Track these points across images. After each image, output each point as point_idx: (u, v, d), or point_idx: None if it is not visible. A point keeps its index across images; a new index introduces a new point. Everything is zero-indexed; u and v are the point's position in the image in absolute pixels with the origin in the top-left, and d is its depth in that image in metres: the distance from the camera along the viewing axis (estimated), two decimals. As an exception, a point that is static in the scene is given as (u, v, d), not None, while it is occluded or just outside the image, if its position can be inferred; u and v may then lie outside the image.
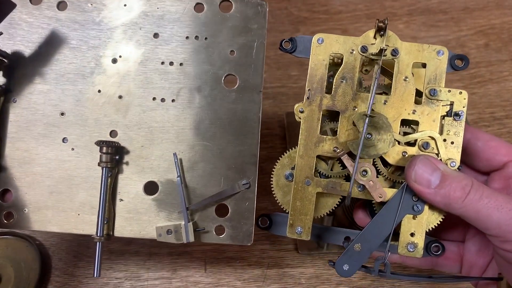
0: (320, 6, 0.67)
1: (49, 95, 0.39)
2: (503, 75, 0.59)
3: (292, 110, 0.57)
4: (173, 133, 0.38)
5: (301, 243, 0.47)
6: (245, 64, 0.38)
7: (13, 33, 0.40)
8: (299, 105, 0.36)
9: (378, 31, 0.35)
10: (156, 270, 0.47)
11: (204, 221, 0.38)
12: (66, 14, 0.40)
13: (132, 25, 0.39)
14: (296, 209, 0.35)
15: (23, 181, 0.39)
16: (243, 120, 0.38)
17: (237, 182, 0.37)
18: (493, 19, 0.65)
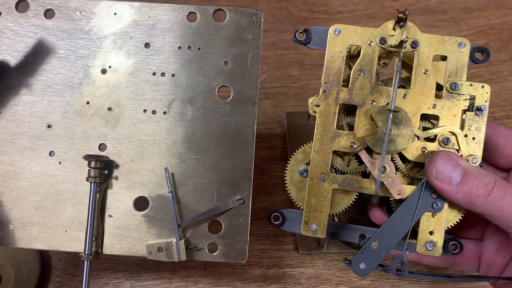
0: (320, 6, 0.67)
1: (35, 107, 0.38)
2: (503, 75, 0.59)
3: (292, 110, 0.57)
4: (164, 147, 0.37)
5: (301, 243, 0.47)
6: (239, 75, 0.37)
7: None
8: (315, 99, 0.35)
9: (398, 22, 0.34)
10: (156, 270, 0.47)
11: (196, 238, 0.37)
12: (53, 23, 0.39)
13: (123, 34, 0.38)
14: (311, 206, 0.34)
15: (8, 196, 0.38)
16: (237, 133, 0.37)
17: (231, 197, 0.36)
18: (493, 19, 0.65)
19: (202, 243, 0.37)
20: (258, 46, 0.37)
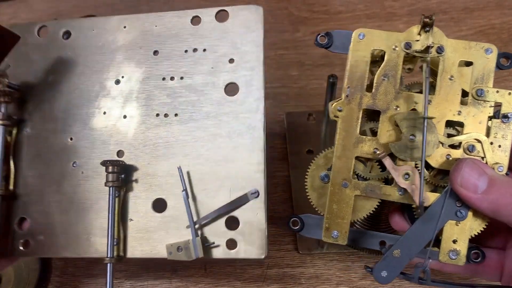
0: (320, 6, 0.67)
1: (58, 122, 0.41)
2: (503, 75, 0.59)
3: (292, 110, 0.57)
4: (178, 148, 0.38)
5: (301, 243, 0.47)
6: (245, 70, 0.38)
7: (21, 65, 0.42)
8: (337, 103, 0.34)
9: (424, 27, 0.34)
10: (156, 270, 0.47)
11: (215, 235, 0.36)
12: (70, 42, 0.41)
13: (132, 45, 0.40)
14: (333, 212, 0.34)
15: (38, 208, 0.40)
16: (247, 128, 0.37)
17: (246, 192, 0.36)
18: (493, 19, 0.65)
19: (220, 240, 0.36)
20: (260, 40, 0.38)
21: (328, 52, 0.64)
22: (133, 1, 0.69)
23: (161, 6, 0.68)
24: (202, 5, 0.67)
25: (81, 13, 0.62)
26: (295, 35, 0.64)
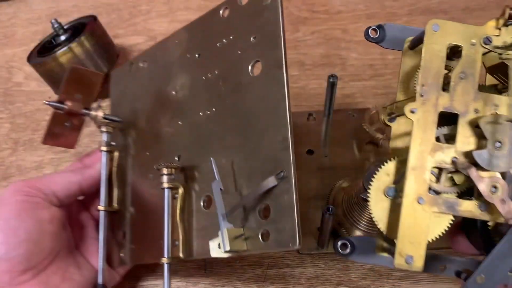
0: (320, 6, 0.67)
1: (139, 140, 0.44)
2: None
3: (292, 110, 0.57)
4: (217, 142, 0.37)
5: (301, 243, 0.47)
6: (266, 43, 0.35)
7: (119, 98, 0.48)
8: (411, 104, 0.29)
9: (507, 21, 0.30)
10: (156, 270, 0.47)
11: (250, 227, 0.33)
12: (146, 66, 0.46)
13: (183, 55, 0.42)
14: (406, 233, 0.28)
15: (130, 219, 0.43)
16: (273, 105, 0.34)
17: (273, 174, 0.32)
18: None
19: (254, 232, 0.33)
20: (277, 8, 0.35)
21: (328, 52, 0.65)
22: (133, 1, 0.69)
23: (160, 6, 0.68)
24: (201, 6, 0.68)
25: (81, 13, 0.62)
26: (295, 35, 0.64)
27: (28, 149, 0.54)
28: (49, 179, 0.38)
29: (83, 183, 0.40)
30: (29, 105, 0.58)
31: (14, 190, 0.36)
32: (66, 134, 0.44)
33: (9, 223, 0.34)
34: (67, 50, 0.51)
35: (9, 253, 0.33)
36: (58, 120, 0.43)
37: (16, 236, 0.33)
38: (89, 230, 0.43)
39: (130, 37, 0.65)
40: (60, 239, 0.39)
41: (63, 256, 0.39)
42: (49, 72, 0.53)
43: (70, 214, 0.42)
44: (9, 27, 0.67)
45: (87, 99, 0.42)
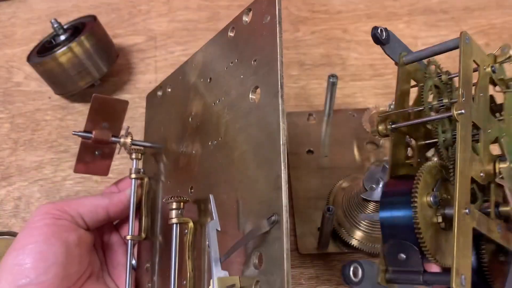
0: (320, 6, 0.67)
1: (165, 167, 0.43)
2: (504, 75, 0.59)
3: (292, 110, 0.57)
4: (221, 176, 0.34)
5: (301, 243, 0.47)
6: (263, 66, 0.32)
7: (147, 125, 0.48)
8: (458, 105, 0.27)
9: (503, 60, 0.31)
10: (156, 271, 0.47)
11: (246, 275, 0.29)
12: (170, 91, 0.45)
13: (198, 80, 0.40)
14: (460, 248, 0.24)
15: (158, 249, 0.41)
16: (269, 135, 0.30)
17: (265, 218, 0.28)
18: (494, 18, 0.65)
19: (249, 281, 0.29)
20: (274, 27, 0.31)
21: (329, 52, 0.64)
22: (133, 1, 0.69)
23: (160, 5, 0.68)
24: (201, 5, 0.67)
25: (81, 13, 0.62)
26: (295, 35, 0.64)
27: (27, 149, 0.54)
28: (77, 202, 0.38)
29: (110, 208, 0.39)
30: (28, 105, 0.58)
31: (42, 213, 0.36)
32: (97, 162, 0.43)
33: (38, 247, 0.33)
34: (67, 50, 0.51)
35: (39, 278, 0.32)
36: (87, 149, 0.42)
37: (45, 260, 0.33)
38: (121, 255, 0.42)
39: (130, 37, 0.65)
40: (89, 263, 0.38)
41: (94, 281, 0.38)
42: (49, 72, 0.53)
43: (102, 238, 0.42)
44: (8, 27, 0.67)
45: (115, 126, 0.42)
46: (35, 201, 0.50)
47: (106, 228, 0.43)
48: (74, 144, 0.54)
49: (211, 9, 0.67)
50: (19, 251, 0.33)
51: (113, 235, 0.43)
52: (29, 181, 0.51)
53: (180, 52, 0.63)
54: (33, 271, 0.32)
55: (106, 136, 0.41)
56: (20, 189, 0.51)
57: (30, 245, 0.33)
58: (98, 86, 0.57)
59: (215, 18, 0.66)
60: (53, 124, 0.56)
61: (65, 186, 0.51)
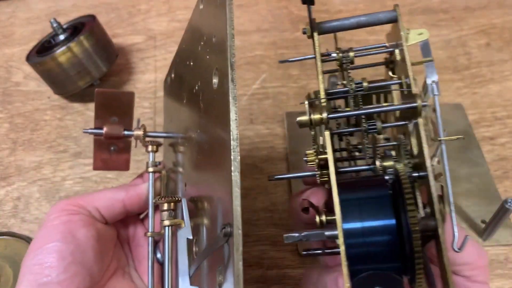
0: (321, 5, 0.66)
1: (180, 160, 0.39)
2: (505, 74, 0.59)
3: (292, 110, 0.57)
4: (199, 172, 0.32)
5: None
6: (219, 43, 0.26)
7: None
8: (420, 97, 0.27)
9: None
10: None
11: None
12: (173, 77, 0.43)
13: (184, 63, 0.37)
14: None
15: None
16: (224, 127, 0.25)
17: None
18: (495, 18, 0.65)
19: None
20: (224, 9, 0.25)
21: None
22: (132, 1, 0.69)
23: (160, 5, 0.68)
24: (201, 4, 0.67)
25: (80, 13, 0.62)
26: (295, 35, 0.63)
27: (27, 149, 0.54)
28: (93, 196, 0.37)
29: (127, 201, 0.38)
30: (28, 105, 0.58)
31: (58, 211, 0.35)
32: (115, 158, 0.42)
33: (56, 247, 0.33)
34: (66, 49, 0.51)
35: (59, 276, 0.32)
36: (101, 146, 0.41)
37: (63, 259, 0.33)
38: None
39: (129, 36, 0.65)
40: (114, 259, 0.37)
41: (119, 277, 0.37)
42: (48, 71, 0.53)
43: (128, 232, 0.41)
44: (8, 26, 0.66)
45: (125, 120, 0.41)
46: (34, 201, 0.50)
47: (131, 221, 0.41)
48: (73, 144, 0.54)
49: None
50: (37, 252, 0.33)
51: (139, 228, 0.42)
52: (28, 181, 0.51)
53: (179, 51, 0.63)
54: (53, 270, 0.32)
55: (118, 131, 0.40)
56: (19, 189, 0.51)
57: (47, 245, 0.33)
58: (97, 86, 0.56)
59: (215, 17, 0.66)
60: (52, 124, 0.56)
61: (64, 186, 0.51)
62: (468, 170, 0.49)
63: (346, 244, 0.22)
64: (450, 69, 0.59)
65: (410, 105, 0.25)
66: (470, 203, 0.47)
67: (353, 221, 0.22)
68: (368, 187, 0.24)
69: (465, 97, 0.57)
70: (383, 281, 0.21)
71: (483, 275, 0.27)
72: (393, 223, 0.22)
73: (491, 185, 0.48)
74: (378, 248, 0.22)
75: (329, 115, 0.26)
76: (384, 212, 0.22)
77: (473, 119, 0.54)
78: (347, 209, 0.22)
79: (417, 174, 0.25)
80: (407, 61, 0.28)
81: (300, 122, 0.26)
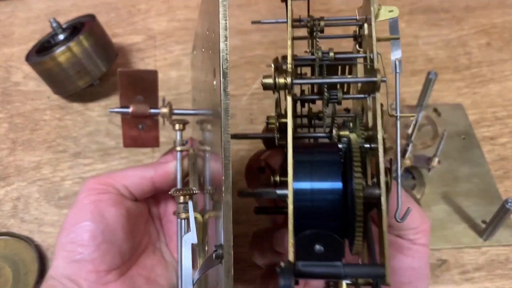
0: (321, 5, 0.66)
1: (207, 138, 0.35)
2: (505, 74, 0.59)
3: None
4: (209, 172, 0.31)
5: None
6: (215, 39, 0.24)
7: None
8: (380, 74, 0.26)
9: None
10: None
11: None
12: (195, 54, 0.41)
13: (200, 48, 0.35)
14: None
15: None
16: (216, 132, 0.24)
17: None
18: (495, 18, 0.65)
19: None
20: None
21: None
22: (132, 0, 0.68)
23: (160, 4, 0.68)
24: (201, 4, 0.67)
25: (80, 12, 0.62)
26: (296, 34, 0.63)
27: (26, 149, 0.54)
28: (122, 173, 0.37)
29: (155, 179, 0.38)
30: (27, 104, 0.58)
31: (87, 190, 0.35)
32: (144, 136, 0.43)
33: (86, 227, 0.34)
34: (66, 49, 0.51)
35: (91, 254, 0.33)
36: (129, 125, 0.42)
37: (94, 239, 0.33)
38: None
39: (129, 36, 0.64)
40: (145, 235, 0.38)
41: (150, 253, 0.38)
42: (47, 71, 0.53)
43: (159, 208, 0.41)
44: (7, 26, 0.66)
45: (150, 98, 0.41)
46: (34, 202, 0.50)
47: (162, 197, 0.41)
48: (72, 144, 0.54)
49: (210, 8, 0.67)
50: (70, 230, 0.34)
51: (170, 204, 0.42)
52: (27, 181, 0.51)
53: (179, 51, 0.62)
54: (86, 248, 0.33)
55: (144, 109, 0.40)
56: (18, 189, 0.51)
57: (78, 224, 0.34)
58: (97, 86, 0.56)
59: (214, 17, 0.66)
60: (51, 124, 0.56)
61: (64, 186, 0.51)
62: (468, 170, 0.49)
63: (295, 201, 0.23)
64: (450, 69, 0.59)
65: (371, 79, 0.26)
66: (471, 203, 0.47)
67: (303, 181, 0.23)
68: (321, 152, 0.25)
69: (466, 97, 0.56)
70: (324, 240, 0.23)
71: (425, 238, 0.30)
72: (339, 187, 0.23)
73: (491, 185, 0.48)
74: (323, 208, 0.23)
75: (294, 80, 0.26)
76: (332, 175, 0.23)
77: (473, 119, 0.54)
78: (299, 170, 0.24)
79: (369, 145, 0.26)
80: (373, 36, 0.28)
81: (265, 84, 0.26)
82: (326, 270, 0.22)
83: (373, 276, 0.22)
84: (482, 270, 0.43)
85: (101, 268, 0.34)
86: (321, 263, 0.22)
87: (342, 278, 0.22)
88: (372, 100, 0.27)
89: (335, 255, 0.23)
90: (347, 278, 0.22)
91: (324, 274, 0.22)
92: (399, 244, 0.31)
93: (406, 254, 0.31)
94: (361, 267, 0.23)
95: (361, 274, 0.23)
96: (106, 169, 0.51)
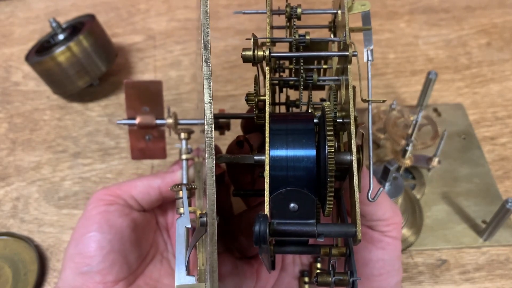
0: (321, 5, 0.66)
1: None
2: (505, 74, 0.59)
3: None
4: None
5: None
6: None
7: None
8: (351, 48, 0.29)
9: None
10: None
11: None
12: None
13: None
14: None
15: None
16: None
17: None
18: (495, 18, 0.65)
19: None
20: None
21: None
22: (132, 0, 0.68)
23: (159, 4, 0.68)
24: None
25: (79, 12, 0.62)
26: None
27: (26, 149, 0.54)
28: (129, 184, 0.38)
29: (163, 188, 0.38)
30: (27, 104, 0.57)
31: (95, 201, 0.36)
32: (151, 147, 0.43)
33: (94, 237, 0.34)
34: (65, 49, 0.51)
35: (99, 265, 0.33)
36: (137, 136, 0.42)
37: (102, 249, 0.34)
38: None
39: (129, 36, 0.64)
40: (152, 245, 0.38)
41: (157, 263, 0.38)
42: (47, 71, 0.53)
43: (166, 218, 0.42)
44: (7, 26, 0.66)
45: (156, 108, 0.41)
46: (33, 202, 0.50)
47: (169, 207, 0.42)
48: (72, 144, 0.54)
49: (210, 8, 0.67)
50: (78, 241, 0.34)
51: (177, 215, 0.42)
52: (27, 181, 0.51)
53: (179, 51, 0.62)
54: (93, 259, 0.33)
55: (150, 120, 0.40)
56: (18, 189, 0.51)
57: (86, 235, 0.34)
58: (97, 85, 0.56)
59: (214, 17, 0.66)
60: (51, 124, 0.56)
61: (64, 186, 0.51)
62: (468, 170, 0.49)
63: (271, 167, 0.24)
64: (450, 69, 0.59)
65: (343, 53, 0.28)
66: (471, 203, 0.47)
67: (279, 149, 0.25)
68: (297, 121, 0.26)
69: (466, 97, 0.56)
70: (299, 197, 0.24)
71: (396, 231, 0.31)
72: (313, 154, 0.24)
73: (491, 185, 0.48)
74: (298, 174, 0.24)
75: (271, 53, 0.27)
76: (307, 143, 0.25)
77: (473, 119, 0.54)
78: (275, 138, 0.25)
79: (342, 120, 0.27)
80: (346, 14, 0.30)
81: (244, 56, 0.27)
82: (300, 228, 0.23)
83: (345, 235, 0.23)
84: (482, 270, 0.43)
85: (109, 278, 0.34)
86: (295, 221, 0.23)
87: (315, 237, 0.23)
88: (345, 82, 0.28)
89: (308, 214, 0.23)
90: (320, 236, 0.23)
91: (298, 232, 0.23)
92: (370, 235, 0.31)
93: (377, 246, 0.31)
94: (333, 226, 0.24)
95: (333, 232, 0.23)
96: (106, 169, 0.51)
